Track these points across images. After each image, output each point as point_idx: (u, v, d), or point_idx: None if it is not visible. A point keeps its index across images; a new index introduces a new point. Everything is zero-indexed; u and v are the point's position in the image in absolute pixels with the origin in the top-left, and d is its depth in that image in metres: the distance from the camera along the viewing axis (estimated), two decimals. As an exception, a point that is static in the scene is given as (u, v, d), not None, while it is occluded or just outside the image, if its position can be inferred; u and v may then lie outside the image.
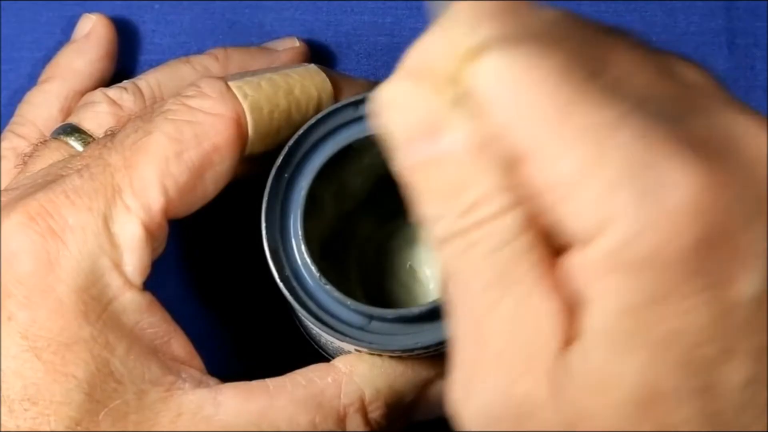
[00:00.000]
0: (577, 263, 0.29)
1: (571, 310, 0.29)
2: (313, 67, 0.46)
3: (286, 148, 0.44)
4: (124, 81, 0.49)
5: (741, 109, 0.30)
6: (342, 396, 0.42)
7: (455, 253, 0.30)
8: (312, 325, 0.43)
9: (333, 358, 0.44)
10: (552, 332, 0.29)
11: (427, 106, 0.30)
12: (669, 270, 0.28)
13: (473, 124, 0.29)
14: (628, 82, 0.29)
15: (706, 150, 0.28)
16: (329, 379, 0.42)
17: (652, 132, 0.28)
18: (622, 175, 0.28)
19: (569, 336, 0.29)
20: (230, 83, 0.43)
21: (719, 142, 0.29)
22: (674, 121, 0.29)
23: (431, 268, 0.49)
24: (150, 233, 0.40)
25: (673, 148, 0.28)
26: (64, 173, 0.41)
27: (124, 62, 0.53)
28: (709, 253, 0.28)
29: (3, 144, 0.48)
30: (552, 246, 0.29)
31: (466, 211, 0.29)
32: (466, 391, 0.30)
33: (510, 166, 0.29)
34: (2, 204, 0.41)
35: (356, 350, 0.43)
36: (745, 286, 0.28)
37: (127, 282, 0.40)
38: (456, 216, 0.30)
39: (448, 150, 0.29)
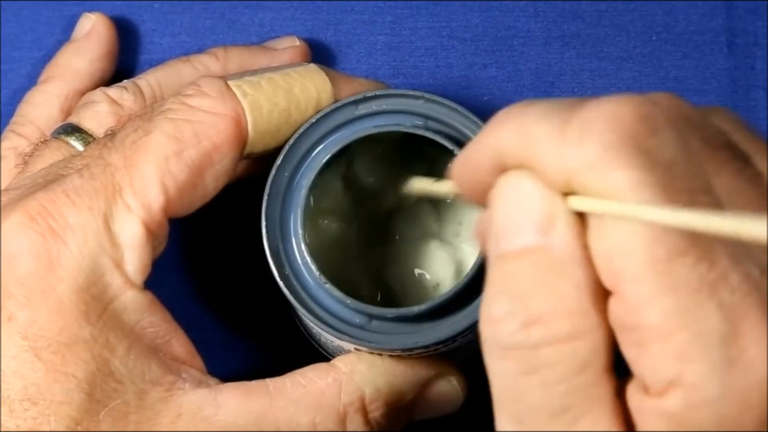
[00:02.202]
0: (640, 405, 0.29)
1: None
2: (312, 66, 0.46)
3: (286, 148, 0.44)
4: (124, 80, 0.49)
5: None
6: (342, 396, 0.42)
7: (518, 369, 0.30)
8: (312, 324, 0.43)
9: (333, 357, 0.44)
10: None
11: (549, 203, 0.30)
12: None
13: (579, 239, 0.30)
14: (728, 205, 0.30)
15: None
16: (329, 379, 0.42)
17: (745, 300, 0.28)
18: (702, 342, 0.28)
19: None
20: (230, 82, 0.43)
21: None
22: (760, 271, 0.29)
23: (432, 267, 0.49)
24: (150, 232, 0.40)
25: (760, 322, 0.28)
26: (64, 173, 0.41)
27: (124, 62, 0.53)
28: None
29: (3, 144, 0.48)
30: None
31: (536, 319, 0.29)
32: None
33: (596, 292, 0.29)
34: (2, 204, 0.41)
35: (356, 349, 0.43)
36: None
37: (128, 281, 0.40)
38: (524, 320, 0.29)
39: (551, 246, 0.30)
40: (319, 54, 0.53)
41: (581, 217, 0.30)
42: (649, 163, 0.29)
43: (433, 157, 0.46)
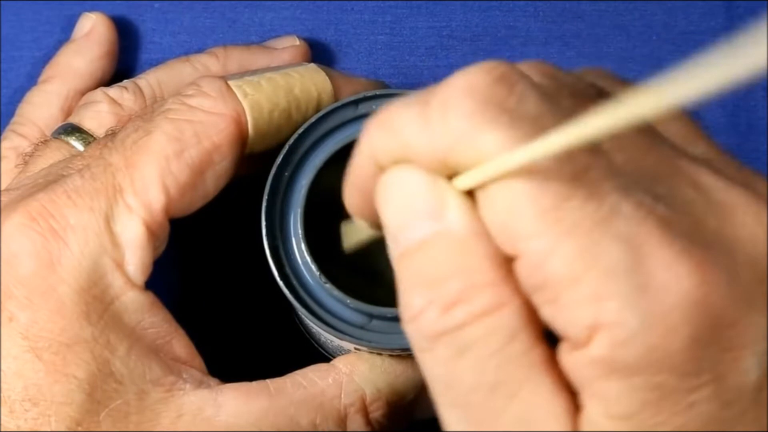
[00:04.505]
0: (571, 362, 0.28)
1: (574, 400, 0.29)
2: (313, 66, 0.46)
3: (287, 147, 0.44)
4: (125, 80, 0.49)
5: (733, 175, 0.29)
6: (343, 396, 0.42)
7: (448, 354, 0.29)
8: (312, 324, 0.43)
9: (333, 356, 0.44)
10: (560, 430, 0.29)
11: (434, 188, 0.29)
12: (666, 370, 0.27)
13: (474, 214, 0.29)
14: (617, 160, 0.29)
15: (697, 237, 0.28)
16: (330, 380, 0.42)
17: (641, 226, 0.28)
18: (609, 277, 0.27)
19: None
20: (230, 82, 0.43)
21: (710, 221, 0.28)
22: (663, 203, 0.28)
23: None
24: (151, 232, 0.40)
25: (661, 243, 0.27)
26: (65, 173, 0.41)
27: (125, 61, 0.53)
28: (706, 347, 0.27)
29: (4, 144, 0.48)
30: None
31: (454, 301, 0.29)
32: None
33: (505, 263, 0.29)
34: (3, 204, 0.41)
35: (356, 349, 0.43)
36: (745, 373, 0.28)
37: (129, 281, 0.40)
38: (444, 304, 0.29)
39: (448, 229, 0.29)
40: (319, 54, 0.53)
41: (471, 196, 0.29)
42: (513, 120, 0.28)
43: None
